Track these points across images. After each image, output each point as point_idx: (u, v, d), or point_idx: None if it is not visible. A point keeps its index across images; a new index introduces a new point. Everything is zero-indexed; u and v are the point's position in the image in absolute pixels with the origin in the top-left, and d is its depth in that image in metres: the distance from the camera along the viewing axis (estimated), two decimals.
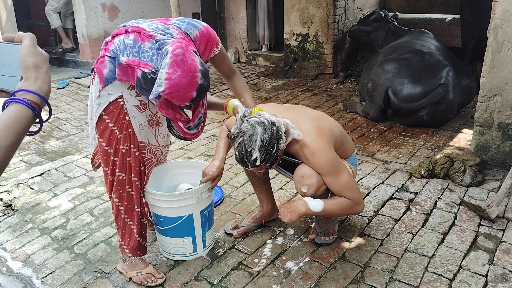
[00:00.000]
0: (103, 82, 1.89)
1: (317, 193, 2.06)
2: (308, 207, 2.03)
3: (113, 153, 1.98)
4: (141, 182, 2.06)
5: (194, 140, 3.86)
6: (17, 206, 2.86)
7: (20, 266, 2.29)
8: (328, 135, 2.08)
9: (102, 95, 1.92)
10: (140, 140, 2.00)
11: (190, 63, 1.71)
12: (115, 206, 2.06)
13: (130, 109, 1.95)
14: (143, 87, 1.78)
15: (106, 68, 1.88)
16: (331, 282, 2.08)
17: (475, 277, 2.08)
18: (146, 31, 1.82)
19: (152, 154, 2.09)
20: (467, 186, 2.92)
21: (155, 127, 2.07)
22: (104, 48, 1.88)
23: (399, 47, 4.48)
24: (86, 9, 5.96)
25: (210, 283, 2.11)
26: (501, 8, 2.86)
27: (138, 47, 1.81)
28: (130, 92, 1.93)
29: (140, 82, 1.78)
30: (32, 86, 0.84)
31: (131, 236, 2.10)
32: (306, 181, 2.04)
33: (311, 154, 2.01)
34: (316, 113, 2.30)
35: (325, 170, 2.02)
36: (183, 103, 1.77)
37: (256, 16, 6.73)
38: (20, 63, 0.86)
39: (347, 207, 2.08)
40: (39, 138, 3.98)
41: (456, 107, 4.05)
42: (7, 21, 6.01)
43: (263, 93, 5.31)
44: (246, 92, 2.21)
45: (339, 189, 2.05)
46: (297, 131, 2.01)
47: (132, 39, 1.83)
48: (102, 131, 1.97)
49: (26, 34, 0.89)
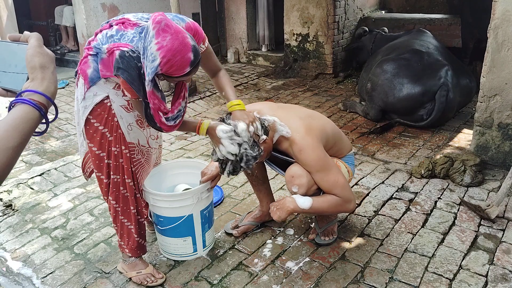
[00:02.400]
0: (87, 83, 1.84)
1: (308, 193, 2.07)
2: (296, 204, 2.04)
3: (106, 156, 1.95)
4: (134, 183, 2.03)
5: (194, 140, 3.87)
6: (17, 206, 2.86)
7: (20, 266, 2.29)
8: (318, 133, 2.08)
9: (88, 97, 1.86)
10: (129, 141, 1.96)
11: (175, 26, 1.64)
12: (112, 207, 2.05)
13: (118, 109, 1.90)
14: (120, 66, 1.67)
15: (90, 67, 1.82)
16: (331, 282, 2.08)
17: (475, 277, 2.08)
18: (130, 20, 1.79)
19: (141, 155, 2.04)
20: (467, 186, 2.92)
21: (146, 128, 2.02)
22: (87, 48, 1.82)
23: (397, 46, 4.48)
24: (86, 9, 5.96)
25: (210, 283, 2.11)
26: (501, 8, 2.86)
27: (120, 35, 1.75)
28: (116, 92, 1.88)
29: (118, 62, 1.68)
30: (38, 87, 0.83)
31: (129, 237, 2.09)
32: (296, 181, 2.05)
33: (299, 151, 2.03)
34: (309, 112, 2.30)
35: (313, 167, 2.03)
36: (184, 69, 1.66)
37: (256, 16, 6.73)
38: (26, 63, 0.85)
39: (336, 205, 2.09)
40: (39, 138, 3.98)
41: (455, 107, 4.05)
42: (7, 21, 6.01)
43: (263, 93, 5.30)
44: (228, 86, 2.11)
45: (328, 186, 2.06)
46: (285, 129, 2.05)
47: (115, 30, 1.77)
48: (92, 136, 1.92)
49: (32, 34, 0.89)
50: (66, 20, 6.77)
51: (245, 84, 5.66)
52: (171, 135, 3.98)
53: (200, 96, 5.09)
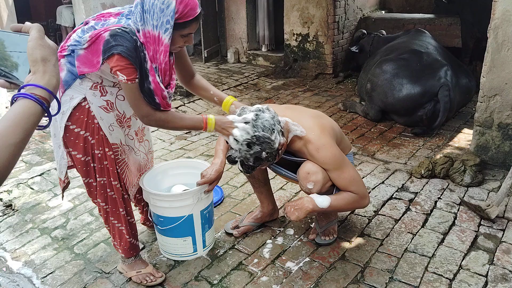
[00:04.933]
0: (62, 87, 1.77)
1: (322, 189, 2.07)
2: (315, 203, 2.03)
3: (90, 160, 1.89)
4: (121, 184, 1.99)
5: (194, 140, 3.87)
6: (17, 206, 2.86)
7: (20, 266, 2.29)
8: (330, 132, 2.10)
9: (64, 102, 1.78)
10: (112, 142, 1.90)
11: None
12: (102, 209, 2.02)
13: (97, 111, 1.83)
14: (112, 44, 1.62)
15: (63, 70, 1.76)
16: (331, 282, 2.08)
17: (475, 277, 2.08)
18: (111, 12, 1.77)
19: (125, 155, 2.00)
20: (467, 186, 2.92)
21: (125, 127, 1.98)
22: (60, 51, 1.77)
23: (396, 47, 4.48)
24: (86, 9, 5.96)
25: (210, 283, 2.11)
26: (501, 8, 2.86)
27: (101, 24, 1.72)
28: (93, 92, 1.81)
29: (108, 42, 1.63)
30: (40, 81, 0.82)
31: (121, 238, 2.08)
32: (312, 177, 2.04)
33: (316, 150, 2.02)
34: (315, 112, 2.32)
35: (330, 165, 2.03)
36: (196, 9, 1.69)
37: (256, 16, 6.73)
38: (28, 56, 0.84)
39: (353, 201, 2.09)
40: (39, 138, 3.98)
41: (455, 107, 4.05)
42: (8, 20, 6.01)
43: (263, 93, 5.30)
44: (212, 86, 2.15)
45: (345, 183, 2.06)
46: (299, 128, 2.04)
47: (94, 22, 1.74)
48: (74, 142, 1.85)
49: (34, 25, 0.87)
50: (65, 20, 6.78)
51: (245, 84, 5.66)
52: (171, 135, 3.99)
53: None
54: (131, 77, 1.68)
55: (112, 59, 1.65)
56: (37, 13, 7.37)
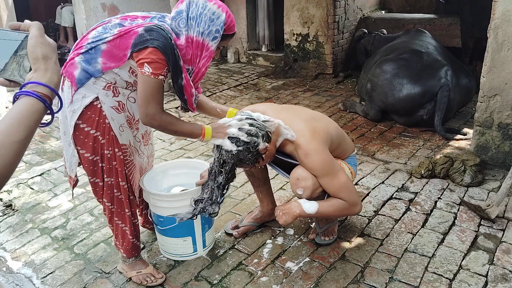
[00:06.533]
0: (75, 85, 1.76)
1: (313, 195, 2.06)
2: (302, 209, 2.03)
3: (99, 160, 1.90)
4: (128, 185, 2.00)
5: (194, 140, 3.86)
6: (17, 206, 2.86)
7: (20, 266, 2.29)
8: (323, 136, 2.06)
9: (76, 100, 1.78)
10: (122, 143, 1.91)
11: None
12: (107, 209, 2.03)
13: (108, 111, 1.83)
14: (147, 38, 1.66)
15: (77, 69, 1.76)
16: (331, 282, 2.08)
17: (475, 277, 2.08)
18: (136, 15, 1.79)
19: (133, 156, 2.01)
20: (467, 186, 2.92)
21: (134, 129, 1.99)
22: (75, 49, 1.78)
23: (396, 47, 4.48)
24: (86, 9, 5.96)
25: (210, 283, 2.11)
26: (501, 8, 2.86)
27: (129, 23, 1.73)
28: (106, 92, 1.81)
29: (142, 36, 1.66)
30: (41, 78, 0.83)
31: (124, 238, 2.08)
32: (301, 183, 2.04)
33: (305, 155, 2.00)
34: (312, 114, 2.27)
35: (319, 171, 2.02)
36: (235, 27, 1.92)
37: (256, 16, 6.72)
38: (29, 54, 0.84)
39: (342, 209, 2.07)
40: (39, 138, 3.98)
41: (455, 107, 4.05)
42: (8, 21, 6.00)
43: (263, 93, 5.30)
44: (215, 103, 2.23)
45: (334, 190, 2.05)
46: (290, 132, 2.03)
47: (119, 21, 1.75)
48: (83, 141, 1.85)
49: (33, 23, 0.88)
50: (65, 20, 6.78)
51: (245, 84, 5.66)
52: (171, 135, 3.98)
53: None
54: (157, 72, 1.69)
55: (143, 52, 1.67)
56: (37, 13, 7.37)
